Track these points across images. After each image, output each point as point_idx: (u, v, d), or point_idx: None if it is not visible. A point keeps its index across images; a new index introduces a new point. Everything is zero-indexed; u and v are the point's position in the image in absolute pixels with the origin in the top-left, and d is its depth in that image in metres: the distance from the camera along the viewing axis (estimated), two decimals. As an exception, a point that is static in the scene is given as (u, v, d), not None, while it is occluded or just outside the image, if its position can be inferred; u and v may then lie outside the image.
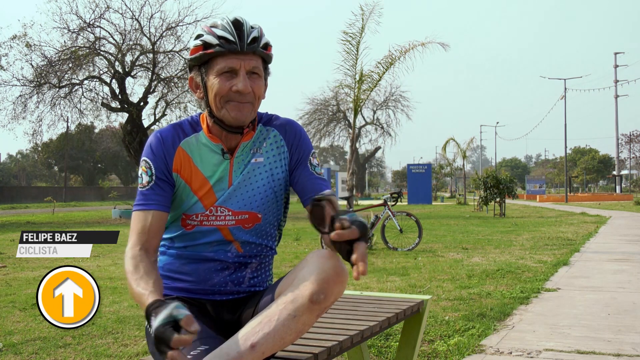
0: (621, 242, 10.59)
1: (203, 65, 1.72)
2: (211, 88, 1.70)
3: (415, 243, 9.27)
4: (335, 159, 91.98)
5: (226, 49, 1.66)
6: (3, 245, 10.93)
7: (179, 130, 1.78)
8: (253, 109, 1.73)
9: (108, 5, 21.98)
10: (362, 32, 9.94)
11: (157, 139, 1.76)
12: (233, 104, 1.69)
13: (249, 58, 1.69)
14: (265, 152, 1.80)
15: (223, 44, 1.66)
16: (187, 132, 1.78)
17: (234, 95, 1.68)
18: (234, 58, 1.67)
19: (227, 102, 1.69)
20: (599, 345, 3.60)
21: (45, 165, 70.29)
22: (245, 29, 1.68)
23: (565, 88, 42.72)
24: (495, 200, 21.30)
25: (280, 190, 1.83)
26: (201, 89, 1.74)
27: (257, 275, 1.86)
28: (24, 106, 22.16)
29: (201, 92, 1.75)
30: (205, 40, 1.68)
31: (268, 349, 1.46)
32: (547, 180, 77.05)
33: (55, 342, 3.68)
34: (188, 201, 1.76)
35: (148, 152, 1.76)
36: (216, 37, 1.67)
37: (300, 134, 1.84)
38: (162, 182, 1.73)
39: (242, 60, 1.68)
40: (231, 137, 1.76)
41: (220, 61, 1.68)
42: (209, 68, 1.70)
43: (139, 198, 1.74)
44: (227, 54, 1.67)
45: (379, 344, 3.59)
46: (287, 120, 1.86)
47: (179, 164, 1.75)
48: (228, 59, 1.67)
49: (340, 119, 43.84)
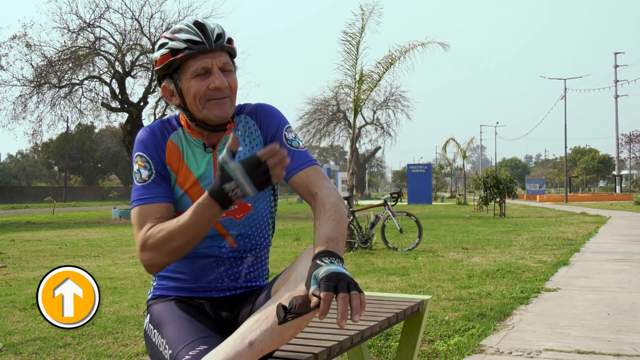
0: (621, 242, 10.59)
1: (174, 72, 1.72)
2: (188, 92, 1.70)
3: (415, 243, 9.27)
4: (335, 159, 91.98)
5: (195, 50, 1.67)
6: (3, 245, 10.94)
7: (167, 124, 1.81)
8: (232, 103, 1.75)
9: (108, 5, 22.03)
10: (362, 32, 9.92)
11: (148, 133, 1.77)
12: (213, 102, 1.70)
13: (218, 55, 1.70)
14: (242, 141, 1.81)
15: (191, 46, 1.67)
16: (174, 126, 1.81)
17: (213, 93, 1.69)
18: (204, 58, 1.69)
19: (207, 101, 1.70)
20: (599, 345, 3.60)
21: (45, 165, 70.26)
22: (208, 28, 1.70)
23: (565, 88, 42.74)
24: (495, 200, 21.30)
25: None
26: (176, 96, 1.74)
27: (254, 270, 1.86)
28: (24, 106, 22.19)
29: (177, 99, 1.74)
30: (172, 47, 1.68)
31: (266, 346, 1.46)
32: (547, 180, 77.04)
33: (55, 342, 3.68)
34: (175, 195, 1.77)
35: (140, 147, 1.76)
36: (182, 41, 1.68)
37: (269, 112, 1.84)
38: (161, 175, 1.74)
39: (212, 58, 1.69)
40: (213, 134, 1.78)
41: (192, 63, 1.68)
42: (181, 73, 1.70)
43: (140, 192, 1.71)
44: (197, 55, 1.68)
45: (379, 344, 3.59)
46: (256, 105, 1.87)
47: (171, 157, 1.77)
48: (199, 60, 1.68)
49: (340, 119, 43.80)
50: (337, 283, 1.30)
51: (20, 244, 11.11)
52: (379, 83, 10.58)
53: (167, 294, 1.81)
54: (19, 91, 23.22)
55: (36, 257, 8.86)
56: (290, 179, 1.74)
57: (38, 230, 15.75)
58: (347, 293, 1.28)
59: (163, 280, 1.83)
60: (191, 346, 1.52)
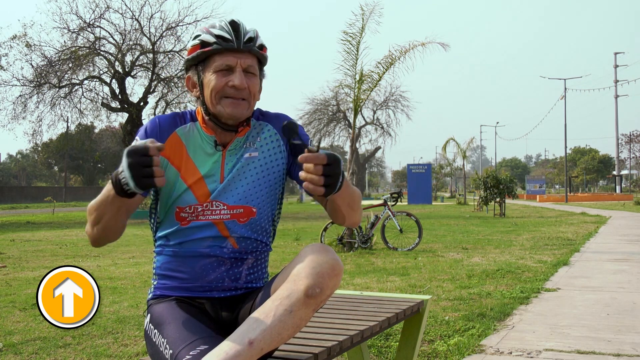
0: (621, 242, 10.59)
1: (200, 64, 1.76)
2: (207, 85, 1.74)
3: (415, 243, 9.27)
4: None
5: (223, 47, 1.71)
6: (3, 245, 10.94)
7: (178, 118, 1.82)
8: (249, 106, 1.76)
9: (108, 5, 22.03)
10: (362, 32, 9.92)
11: (153, 122, 1.80)
12: (229, 100, 1.72)
13: (245, 56, 1.74)
14: (260, 147, 1.82)
15: (220, 42, 1.71)
16: (186, 120, 1.82)
17: (230, 91, 1.72)
18: (230, 56, 1.72)
19: (223, 97, 1.73)
20: (599, 345, 3.60)
21: (45, 165, 70.28)
22: (242, 29, 1.74)
23: (565, 88, 42.75)
24: (495, 200, 21.31)
25: (277, 185, 1.85)
26: (197, 88, 1.78)
27: (254, 271, 1.86)
28: (24, 106, 22.18)
29: (197, 91, 1.79)
30: (203, 39, 1.73)
31: (266, 345, 1.47)
32: (547, 180, 77.02)
33: (55, 342, 3.68)
34: (178, 189, 1.76)
35: (142, 132, 1.78)
36: (213, 35, 1.72)
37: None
38: None
39: (238, 58, 1.73)
40: (226, 133, 1.79)
41: (217, 59, 1.73)
42: (206, 66, 1.75)
43: None
44: (224, 52, 1.72)
45: (379, 344, 3.59)
46: (280, 115, 1.89)
47: (170, 149, 1.77)
48: (225, 57, 1.72)
49: (340, 119, 43.76)
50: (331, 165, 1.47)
51: (20, 244, 11.11)
52: (379, 83, 10.58)
53: (167, 293, 1.81)
54: (19, 91, 23.27)
55: (36, 257, 8.86)
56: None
57: (38, 230, 15.74)
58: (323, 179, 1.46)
59: (163, 280, 1.83)
60: (192, 346, 1.52)
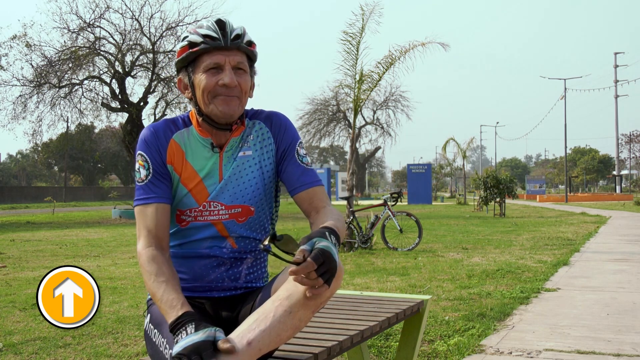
0: (621, 242, 10.59)
1: (190, 65, 1.77)
2: (198, 85, 1.74)
3: (415, 243, 9.27)
4: (335, 159, 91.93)
5: (211, 46, 1.72)
6: (3, 245, 10.93)
7: (171, 124, 1.82)
8: (240, 103, 1.76)
9: (108, 5, 21.98)
10: (362, 32, 9.91)
11: (151, 132, 1.79)
12: (220, 99, 1.73)
13: (233, 54, 1.74)
14: (252, 145, 1.83)
15: (207, 41, 1.72)
16: (179, 126, 1.82)
17: (221, 90, 1.72)
18: (218, 54, 1.73)
19: (215, 97, 1.73)
20: (599, 345, 3.60)
21: (45, 165, 70.27)
22: (228, 27, 1.74)
23: (565, 88, 42.73)
24: (495, 200, 21.30)
25: (270, 182, 1.86)
26: (189, 89, 1.79)
27: (254, 271, 1.87)
28: (24, 106, 22.15)
29: (189, 92, 1.79)
30: (191, 40, 1.74)
31: (265, 346, 1.47)
32: (547, 180, 77.03)
33: (55, 342, 3.68)
34: (179, 194, 1.78)
35: (142, 145, 1.78)
36: (201, 35, 1.73)
37: (285, 124, 1.87)
38: (160, 175, 1.76)
39: (226, 56, 1.73)
40: (221, 133, 1.79)
41: (206, 58, 1.73)
42: (196, 67, 1.75)
43: (139, 192, 1.76)
44: (212, 51, 1.73)
45: (379, 344, 3.59)
46: (272, 112, 1.89)
47: (172, 156, 1.78)
48: (213, 56, 1.73)
49: (340, 119, 43.77)
50: (324, 263, 1.40)
51: (20, 244, 11.10)
52: (379, 83, 10.56)
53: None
54: (19, 91, 23.23)
55: (36, 257, 8.85)
56: (297, 194, 1.80)
57: (38, 230, 15.74)
58: (322, 280, 1.40)
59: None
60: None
